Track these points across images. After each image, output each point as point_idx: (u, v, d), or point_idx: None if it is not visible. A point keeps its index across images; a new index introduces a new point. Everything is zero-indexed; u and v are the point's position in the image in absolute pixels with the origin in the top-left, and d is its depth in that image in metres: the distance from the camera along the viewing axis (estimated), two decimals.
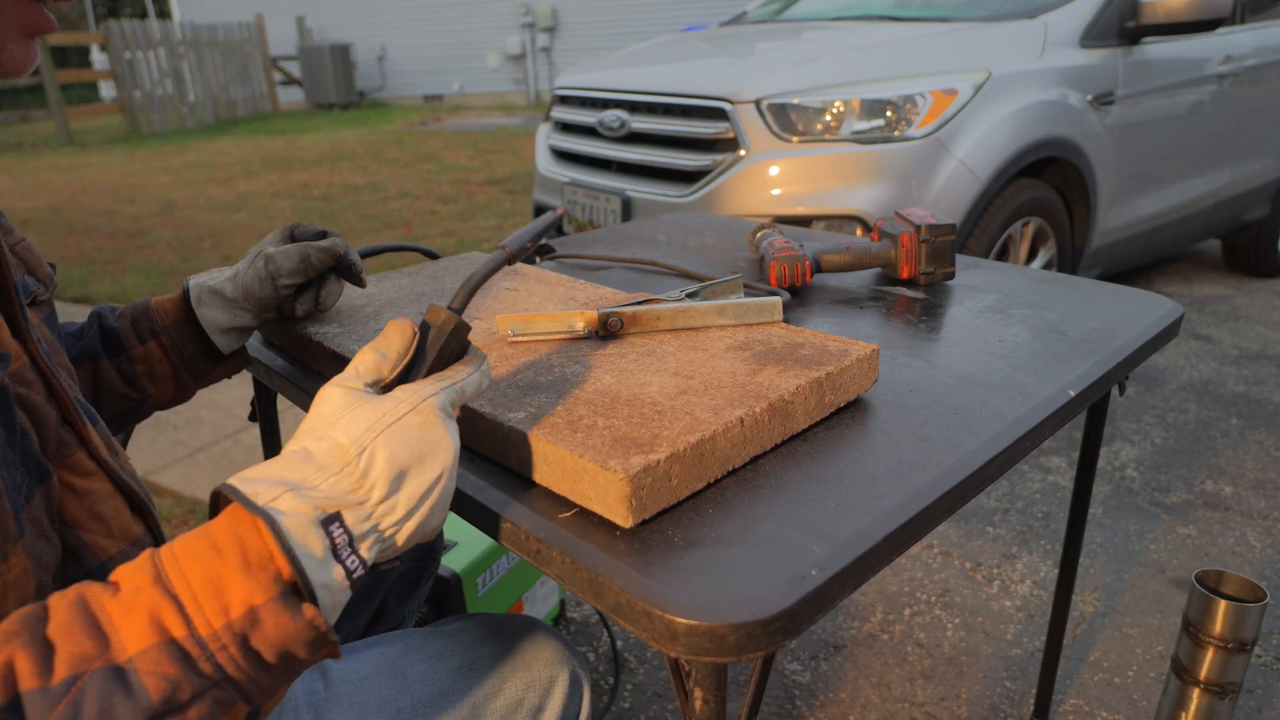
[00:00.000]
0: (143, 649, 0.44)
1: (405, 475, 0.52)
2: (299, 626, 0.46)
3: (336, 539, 0.49)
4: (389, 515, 0.51)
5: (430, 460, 0.53)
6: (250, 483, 0.48)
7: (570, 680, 0.82)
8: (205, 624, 0.45)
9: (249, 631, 0.45)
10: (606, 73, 3.03)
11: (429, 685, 0.74)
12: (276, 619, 0.46)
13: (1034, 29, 2.70)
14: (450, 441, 0.54)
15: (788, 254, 1.12)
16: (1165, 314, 1.05)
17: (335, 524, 0.49)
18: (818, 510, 0.62)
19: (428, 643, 0.79)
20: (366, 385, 0.55)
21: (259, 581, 0.46)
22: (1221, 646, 1.06)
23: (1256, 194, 3.68)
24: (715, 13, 9.88)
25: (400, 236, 5.04)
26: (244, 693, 0.46)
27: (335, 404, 0.53)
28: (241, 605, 0.45)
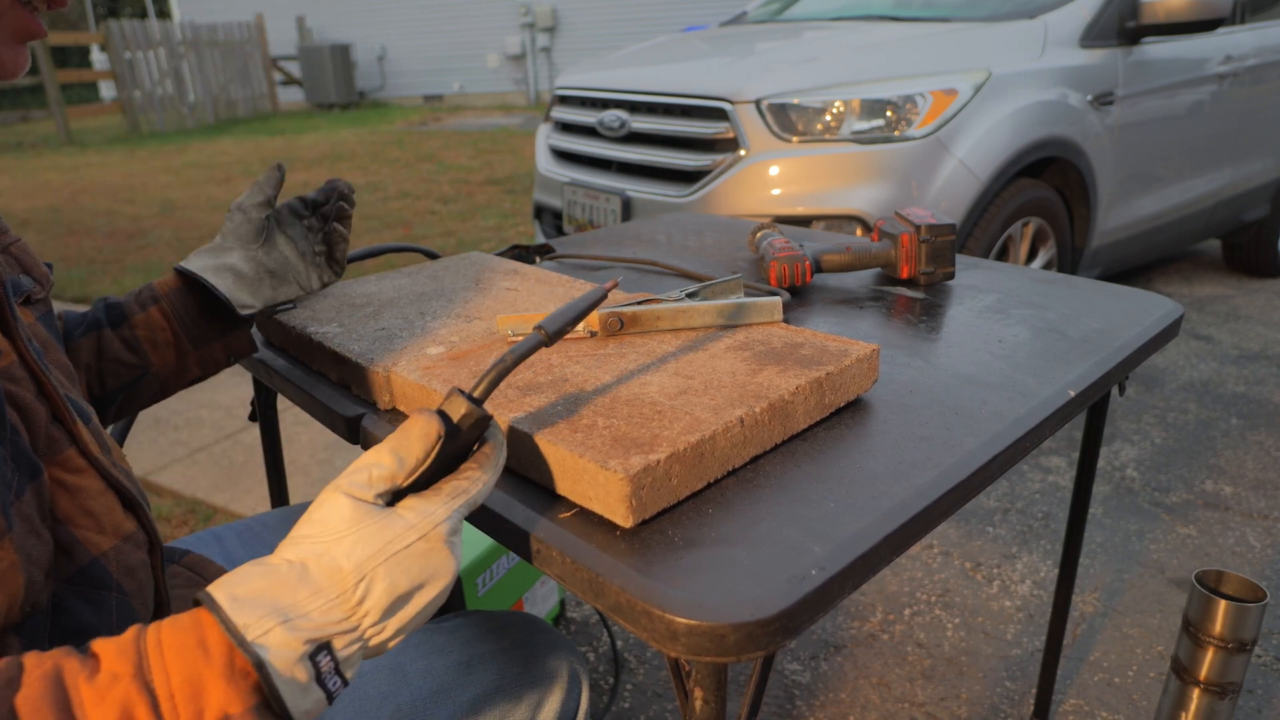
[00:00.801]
0: None
1: (402, 602, 0.51)
2: None
3: (323, 667, 0.48)
4: (377, 636, 0.50)
5: (430, 586, 0.51)
6: (241, 606, 0.46)
7: (569, 677, 0.82)
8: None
9: None
10: (606, 73, 3.03)
11: (428, 681, 0.75)
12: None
13: (1034, 29, 2.70)
14: (453, 566, 0.53)
15: (788, 254, 1.12)
16: (1165, 314, 1.05)
17: (324, 653, 0.48)
18: (818, 510, 0.62)
19: (427, 639, 0.79)
20: (377, 495, 0.52)
21: (239, 690, 0.45)
22: (1221, 646, 1.06)
23: (1256, 194, 3.68)
24: (715, 13, 9.88)
25: (400, 236, 5.04)
26: None
27: (343, 518, 0.51)
28: (217, 711, 0.44)
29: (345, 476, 0.52)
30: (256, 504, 2.29)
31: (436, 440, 0.53)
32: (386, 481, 0.52)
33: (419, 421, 0.53)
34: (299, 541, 0.50)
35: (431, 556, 0.51)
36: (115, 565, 0.62)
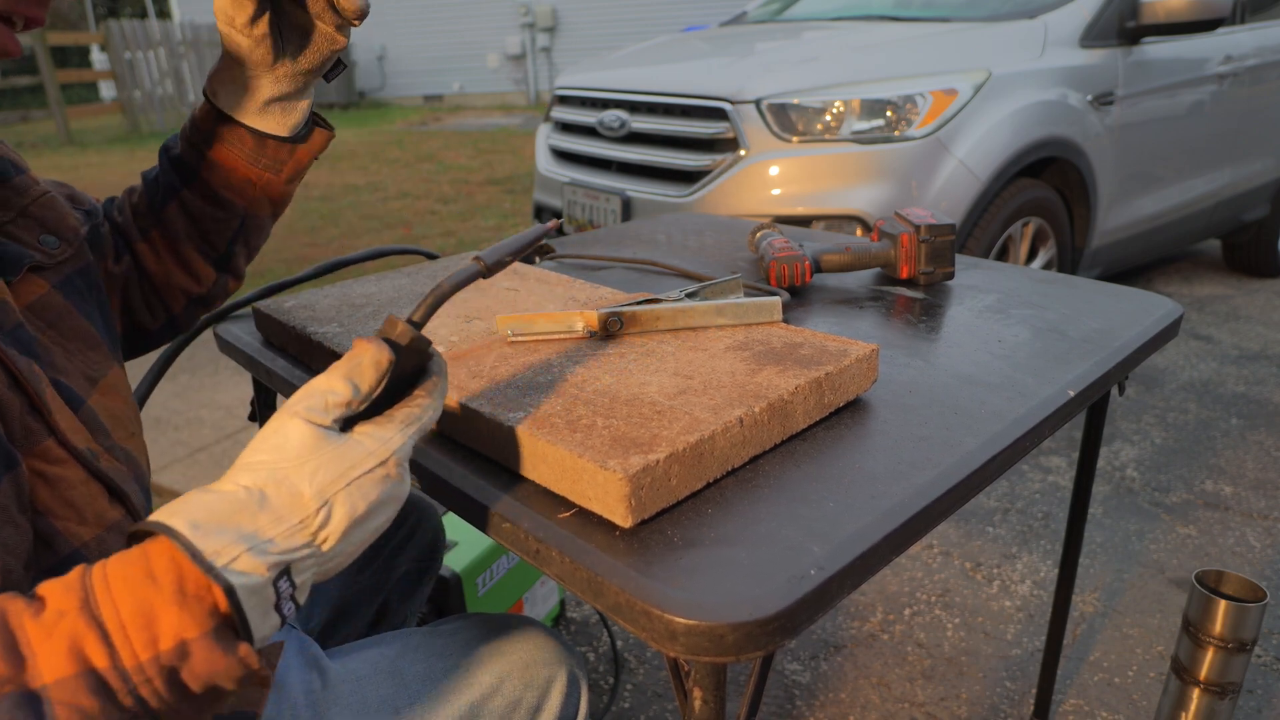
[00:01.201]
0: (59, 678, 0.42)
1: (359, 525, 0.51)
2: (230, 663, 0.45)
3: (282, 592, 0.47)
4: (330, 561, 0.50)
5: (382, 510, 0.52)
6: (205, 534, 0.45)
7: (568, 680, 0.82)
8: (131, 656, 0.43)
9: (177, 664, 0.43)
10: (606, 73, 3.03)
11: (427, 685, 0.75)
12: (208, 654, 0.44)
13: (1034, 29, 2.70)
14: (405, 491, 0.53)
15: (787, 254, 1.12)
16: (1165, 314, 1.05)
17: (284, 579, 0.47)
18: (817, 510, 0.62)
19: (426, 643, 0.79)
20: (334, 421, 0.52)
21: (193, 614, 0.44)
22: (1221, 646, 1.06)
23: (1256, 194, 3.68)
24: (715, 13, 9.88)
25: (400, 236, 5.04)
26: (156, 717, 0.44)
27: (303, 443, 0.50)
28: (172, 638, 0.43)
29: (299, 401, 0.51)
30: None
31: (388, 367, 0.54)
32: (342, 407, 0.52)
33: (369, 349, 0.53)
34: (255, 468, 0.49)
35: (389, 485, 0.52)
36: (96, 556, 0.61)
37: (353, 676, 0.74)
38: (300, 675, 0.72)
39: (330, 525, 0.49)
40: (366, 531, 0.52)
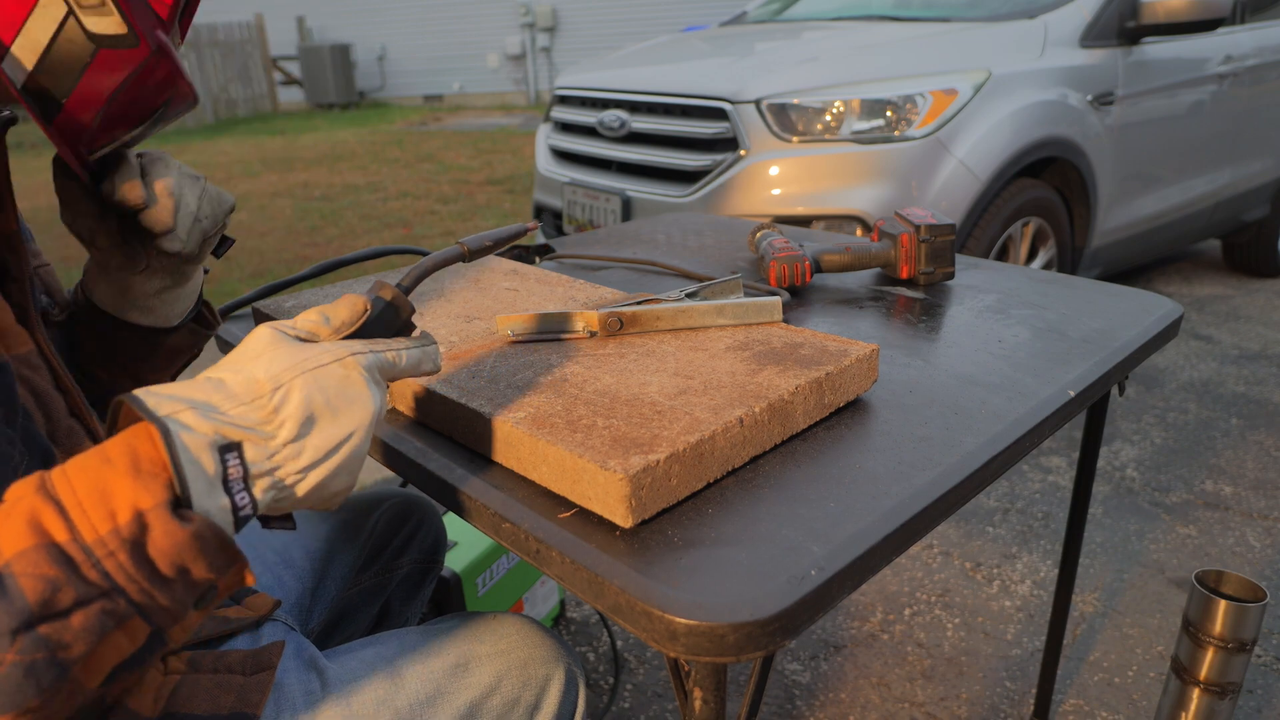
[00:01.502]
0: (19, 550, 0.42)
1: (316, 421, 0.50)
2: (187, 534, 0.44)
3: (230, 469, 0.47)
4: (292, 461, 0.49)
5: (345, 413, 0.51)
6: (154, 395, 0.46)
7: (566, 677, 0.82)
8: (90, 529, 0.43)
9: (139, 539, 0.43)
10: (606, 73, 3.03)
11: (425, 684, 0.74)
12: (165, 526, 0.44)
13: (1034, 29, 2.70)
14: (370, 402, 0.53)
15: (787, 254, 1.12)
16: (1165, 314, 1.05)
17: (233, 454, 0.47)
18: (817, 510, 0.62)
19: (423, 642, 0.78)
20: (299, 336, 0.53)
21: (148, 487, 0.44)
22: (1221, 646, 1.06)
23: (1256, 194, 3.68)
24: (715, 13, 9.88)
25: (400, 237, 5.04)
26: (139, 607, 0.44)
27: (261, 342, 0.52)
28: (128, 510, 0.43)
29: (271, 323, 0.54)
30: None
31: (363, 310, 0.56)
32: (310, 329, 0.54)
33: (347, 296, 0.57)
34: (218, 367, 0.51)
35: (348, 383, 0.52)
36: None
37: (350, 677, 0.73)
38: (298, 676, 0.72)
39: (286, 410, 0.49)
40: (331, 438, 0.50)
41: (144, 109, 0.59)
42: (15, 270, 0.64)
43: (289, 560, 0.95)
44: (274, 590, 0.91)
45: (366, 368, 0.53)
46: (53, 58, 0.54)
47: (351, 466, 0.53)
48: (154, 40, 0.56)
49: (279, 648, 0.73)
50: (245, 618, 0.78)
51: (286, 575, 0.94)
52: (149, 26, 0.55)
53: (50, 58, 0.54)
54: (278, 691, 0.70)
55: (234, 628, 0.76)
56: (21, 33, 0.52)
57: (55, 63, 0.54)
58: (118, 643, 0.44)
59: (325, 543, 0.99)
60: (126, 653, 0.45)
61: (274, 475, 0.49)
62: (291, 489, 0.50)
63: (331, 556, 0.99)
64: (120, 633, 0.44)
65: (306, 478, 0.50)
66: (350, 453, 0.52)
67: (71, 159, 0.59)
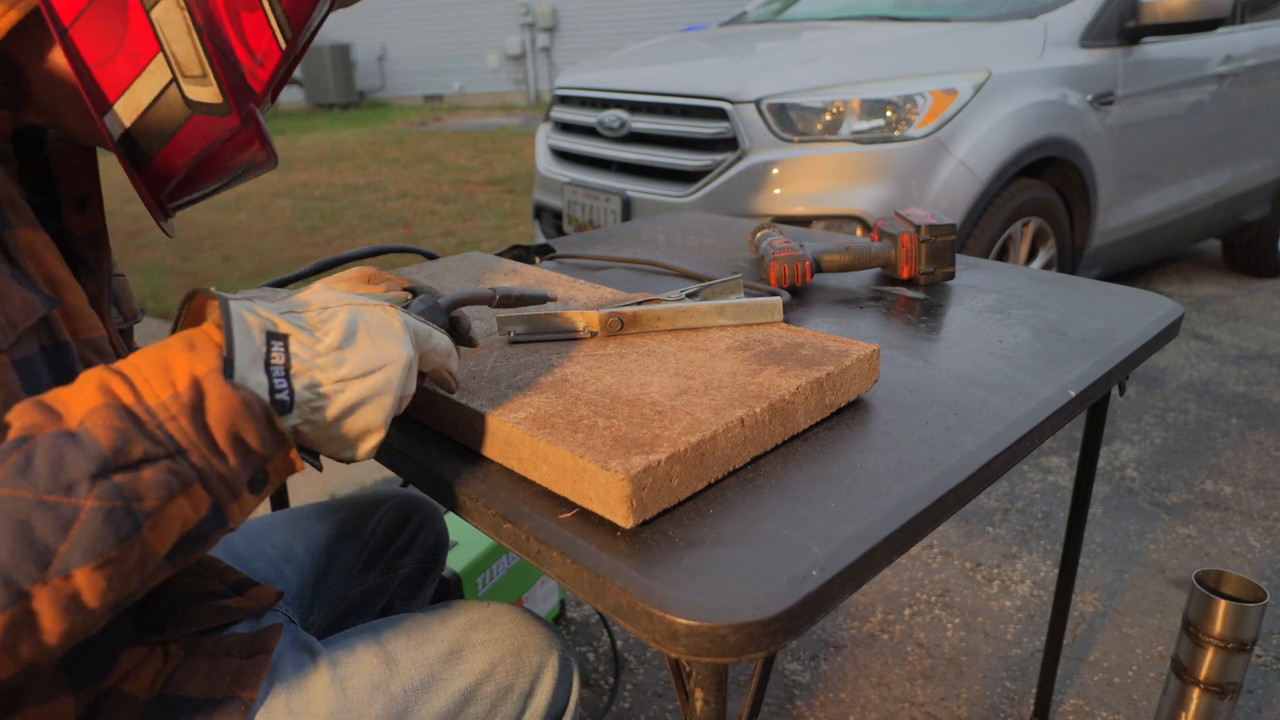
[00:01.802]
0: (90, 409, 0.46)
1: (356, 341, 0.55)
2: (239, 399, 0.48)
3: (274, 355, 0.51)
4: (333, 368, 0.53)
5: (384, 344, 0.56)
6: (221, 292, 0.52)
7: (560, 665, 0.82)
8: (153, 394, 0.47)
9: (198, 405, 0.47)
10: (606, 73, 3.03)
11: (420, 671, 0.75)
12: (220, 390, 0.48)
13: (1034, 29, 2.70)
14: (406, 346, 0.57)
15: (788, 254, 1.12)
16: (1165, 314, 1.05)
17: (279, 343, 0.52)
18: (818, 510, 0.62)
19: (417, 628, 0.79)
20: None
21: (202, 356, 0.49)
22: (1221, 646, 1.06)
23: (1256, 194, 3.68)
24: (715, 13, 9.88)
25: (400, 236, 5.04)
26: (200, 473, 0.48)
27: (312, 289, 0.59)
28: (186, 377, 0.48)
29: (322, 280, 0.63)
30: None
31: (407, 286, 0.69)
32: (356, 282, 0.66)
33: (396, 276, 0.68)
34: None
35: (389, 322, 0.57)
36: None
37: (345, 662, 0.74)
38: (293, 660, 0.73)
39: (331, 323, 0.55)
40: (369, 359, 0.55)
41: (225, 169, 0.64)
42: (94, 264, 0.68)
43: (290, 555, 0.96)
44: (274, 584, 0.92)
45: (404, 321, 0.59)
46: (150, 118, 0.59)
47: (383, 402, 0.55)
48: (245, 111, 0.61)
49: (276, 630, 0.73)
50: (246, 608, 0.78)
51: (287, 570, 0.94)
52: (243, 99, 0.60)
53: (148, 117, 0.59)
54: (272, 674, 0.70)
55: (235, 618, 0.77)
56: (127, 92, 0.58)
57: (152, 122, 0.59)
58: (182, 508, 0.47)
59: (327, 540, 0.99)
60: (191, 522, 0.48)
61: (313, 375, 0.53)
62: (325, 403, 0.53)
63: (333, 554, 0.99)
64: (184, 498, 0.47)
65: (343, 391, 0.54)
66: (384, 381, 0.55)
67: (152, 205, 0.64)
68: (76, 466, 0.44)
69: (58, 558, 0.43)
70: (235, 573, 0.83)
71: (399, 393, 0.57)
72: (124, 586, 0.46)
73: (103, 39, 0.56)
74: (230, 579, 0.82)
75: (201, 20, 0.57)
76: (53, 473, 0.43)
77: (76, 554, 0.43)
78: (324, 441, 0.55)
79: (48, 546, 0.42)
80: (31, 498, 0.42)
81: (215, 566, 0.83)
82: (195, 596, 0.78)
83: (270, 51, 0.60)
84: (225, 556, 0.92)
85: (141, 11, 0.56)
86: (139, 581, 0.47)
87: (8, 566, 0.42)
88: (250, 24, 0.58)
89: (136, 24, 0.56)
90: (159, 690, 0.66)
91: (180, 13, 0.56)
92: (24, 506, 0.42)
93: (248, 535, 0.96)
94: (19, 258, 0.57)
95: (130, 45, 0.56)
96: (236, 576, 0.83)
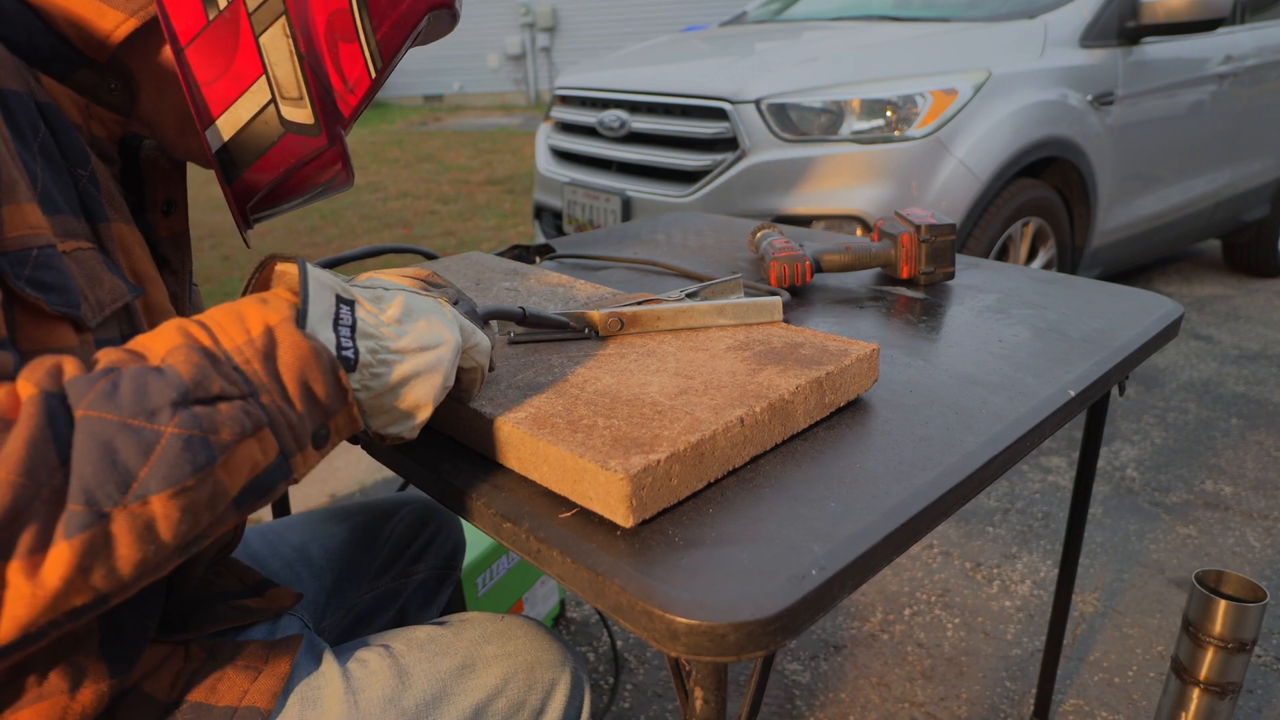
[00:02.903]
0: (171, 348, 0.49)
1: (414, 319, 0.58)
2: (309, 347, 0.51)
3: (342, 315, 0.55)
4: (394, 339, 0.56)
5: (439, 326, 0.59)
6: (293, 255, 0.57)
7: (572, 682, 0.82)
8: (229, 339, 0.50)
9: (270, 351, 0.50)
10: (606, 73, 3.03)
11: (432, 685, 0.74)
12: (292, 338, 0.51)
13: (1034, 29, 2.70)
14: (455, 333, 0.60)
15: (788, 254, 1.12)
16: (1165, 314, 1.05)
17: (346, 306, 0.55)
18: (818, 510, 0.62)
19: (429, 640, 0.79)
20: None
21: (275, 308, 0.52)
22: (1221, 646, 1.06)
23: (1256, 194, 3.68)
24: (715, 13, 9.88)
25: (400, 236, 5.04)
26: (270, 417, 0.50)
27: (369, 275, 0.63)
28: (260, 325, 0.51)
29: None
30: None
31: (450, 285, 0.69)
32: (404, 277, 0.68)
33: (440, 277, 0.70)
34: None
35: (440, 309, 0.61)
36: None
37: (359, 673, 0.74)
38: (309, 670, 0.73)
39: (390, 302, 0.58)
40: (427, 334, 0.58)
41: (308, 186, 0.69)
42: (176, 264, 0.72)
43: (307, 558, 0.96)
44: (291, 586, 0.92)
45: (454, 312, 0.62)
46: (247, 134, 0.64)
47: (434, 379, 0.58)
48: (334, 133, 0.66)
49: (296, 641, 0.73)
50: (266, 609, 0.78)
51: (304, 572, 0.95)
52: (332, 121, 0.65)
53: (245, 133, 0.64)
54: (287, 685, 0.70)
55: (254, 619, 0.77)
56: (230, 109, 0.62)
57: (248, 138, 0.64)
58: (252, 451, 0.49)
59: (343, 544, 0.99)
60: (260, 466, 0.50)
61: (377, 340, 0.56)
62: (387, 367, 0.56)
63: (349, 558, 0.99)
64: (255, 440, 0.49)
65: (403, 361, 0.56)
66: (437, 359, 0.58)
67: (237, 216, 0.68)
68: (160, 394, 0.46)
69: (138, 481, 0.44)
70: (254, 573, 0.84)
71: (448, 375, 0.59)
72: (195, 522, 0.47)
73: (213, 59, 0.61)
74: (250, 579, 0.82)
75: (304, 47, 0.62)
76: (137, 398, 0.45)
77: (156, 479, 0.45)
78: (378, 411, 0.57)
79: (129, 469, 0.44)
80: (117, 420, 0.44)
81: (235, 566, 0.83)
82: (216, 595, 0.78)
83: (361, 79, 0.65)
84: (243, 556, 0.92)
85: (251, 36, 0.61)
86: (209, 520, 0.48)
87: (91, 486, 0.43)
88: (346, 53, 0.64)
89: (245, 47, 0.61)
90: (178, 694, 0.67)
91: (285, 40, 0.62)
92: (110, 428, 0.44)
93: (265, 536, 0.97)
94: (111, 249, 0.61)
95: (238, 67, 0.61)
96: (256, 577, 0.83)
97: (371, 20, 0.63)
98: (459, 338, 0.61)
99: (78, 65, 0.62)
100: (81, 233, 0.58)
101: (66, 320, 0.54)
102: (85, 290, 0.56)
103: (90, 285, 0.57)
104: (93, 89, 0.63)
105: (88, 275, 0.57)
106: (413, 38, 0.66)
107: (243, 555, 0.93)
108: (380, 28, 0.64)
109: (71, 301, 0.54)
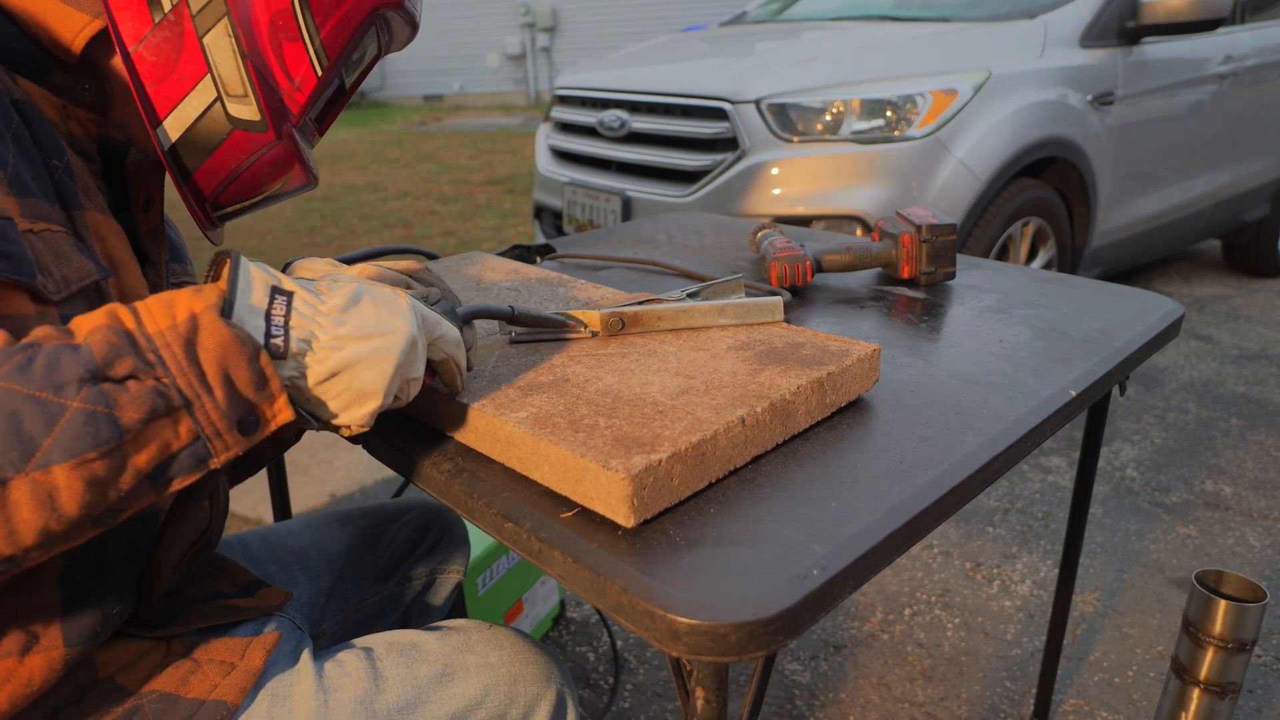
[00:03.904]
0: (94, 327, 0.50)
1: (360, 306, 0.58)
2: (230, 334, 0.51)
3: (275, 307, 0.55)
4: (332, 326, 0.56)
5: (388, 315, 0.58)
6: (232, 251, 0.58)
7: (556, 700, 0.79)
8: (153, 323, 0.51)
9: (191, 338, 0.51)
10: (606, 73, 3.03)
11: (407, 690, 0.73)
12: (213, 325, 0.51)
13: (1034, 29, 2.70)
14: (410, 324, 0.59)
15: (789, 254, 1.12)
16: (1165, 314, 1.05)
17: (283, 298, 0.56)
18: (819, 510, 0.62)
19: (411, 645, 0.77)
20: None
21: (204, 297, 0.53)
22: (1221, 646, 1.06)
23: (1256, 194, 3.68)
24: (715, 13, 9.88)
25: (400, 236, 5.04)
26: (187, 401, 0.50)
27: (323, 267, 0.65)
28: (185, 311, 0.52)
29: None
30: (256, 504, 2.29)
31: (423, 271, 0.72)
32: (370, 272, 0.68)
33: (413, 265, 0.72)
34: None
35: (395, 299, 0.60)
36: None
37: (334, 674, 0.73)
38: (284, 668, 0.73)
39: (336, 289, 0.58)
40: (371, 322, 0.57)
41: (262, 183, 0.70)
42: (154, 257, 0.75)
43: (305, 561, 0.95)
44: (285, 588, 0.91)
45: (411, 303, 0.61)
46: (196, 131, 0.66)
47: (383, 368, 0.57)
48: (281, 130, 0.67)
49: (273, 639, 0.73)
50: (254, 608, 0.78)
51: (301, 575, 0.94)
52: (279, 118, 0.67)
53: (194, 131, 0.66)
54: (260, 682, 0.70)
55: (241, 617, 0.76)
56: (177, 108, 0.65)
57: (197, 135, 0.66)
58: (165, 431, 0.50)
59: (345, 547, 0.99)
60: (173, 447, 0.51)
61: (311, 329, 0.56)
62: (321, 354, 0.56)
63: (349, 562, 0.98)
64: (168, 420, 0.50)
65: (341, 349, 0.56)
66: (384, 346, 0.57)
67: (197, 213, 0.70)
68: (69, 369, 0.47)
69: (40, 450, 0.46)
70: (247, 574, 0.83)
71: (400, 364, 0.58)
72: (102, 495, 0.48)
73: (160, 61, 0.63)
74: (241, 580, 0.82)
75: (247, 46, 0.64)
76: (47, 373, 0.47)
77: (58, 450, 0.46)
78: (319, 401, 0.57)
79: (33, 439, 0.46)
80: (25, 392, 0.46)
81: (229, 568, 0.83)
82: (206, 595, 0.78)
83: (308, 77, 0.67)
84: (241, 558, 0.92)
85: (195, 38, 0.63)
86: (118, 494, 0.49)
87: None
88: (290, 52, 0.66)
89: (190, 49, 0.63)
90: (149, 686, 0.67)
91: (229, 39, 0.64)
92: (17, 399, 0.46)
93: (265, 539, 0.96)
94: (86, 235, 0.64)
95: (183, 67, 0.64)
96: (248, 578, 0.83)
97: (315, 20, 0.65)
98: (413, 329, 0.60)
99: (51, 68, 0.64)
100: (54, 217, 0.60)
101: (22, 289, 0.56)
102: (51, 266, 0.58)
103: (56, 262, 0.59)
104: (68, 90, 0.66)
105: (55, 254, 0.59)
106: (359, 37, 0.68)
107: (241, 557, 0.93)
108: (324, 27, 0.66)
109: (24, 270, 0.56)
